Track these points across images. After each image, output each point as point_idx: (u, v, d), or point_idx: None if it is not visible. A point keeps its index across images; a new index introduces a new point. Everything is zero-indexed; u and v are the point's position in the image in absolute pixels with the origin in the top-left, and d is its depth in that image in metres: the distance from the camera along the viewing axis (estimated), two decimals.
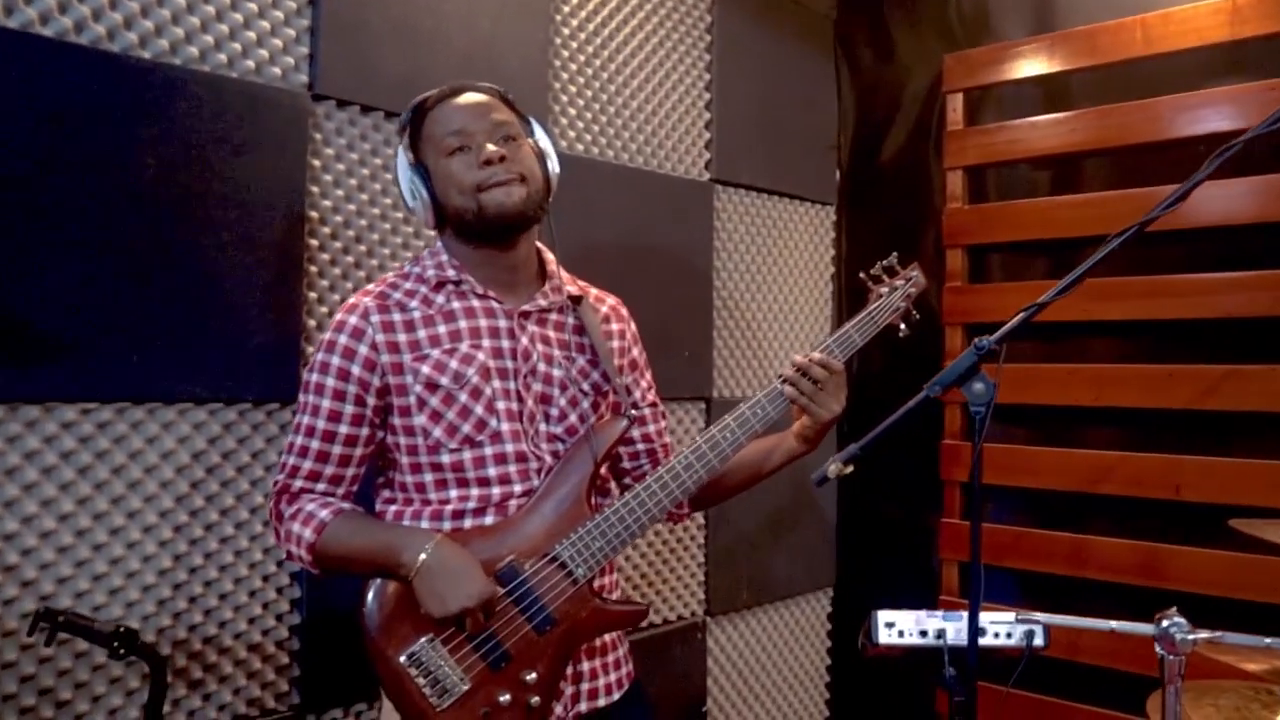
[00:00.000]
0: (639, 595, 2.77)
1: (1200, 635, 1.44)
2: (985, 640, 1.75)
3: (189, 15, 1.93)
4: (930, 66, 3.18)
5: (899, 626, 1.80)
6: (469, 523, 1.64)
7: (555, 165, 1.74)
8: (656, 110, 2.85)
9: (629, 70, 2.78)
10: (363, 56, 2.17)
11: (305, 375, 1.66)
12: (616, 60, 2.74)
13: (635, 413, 1.84)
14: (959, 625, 1.77)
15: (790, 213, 3.27)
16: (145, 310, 1.87)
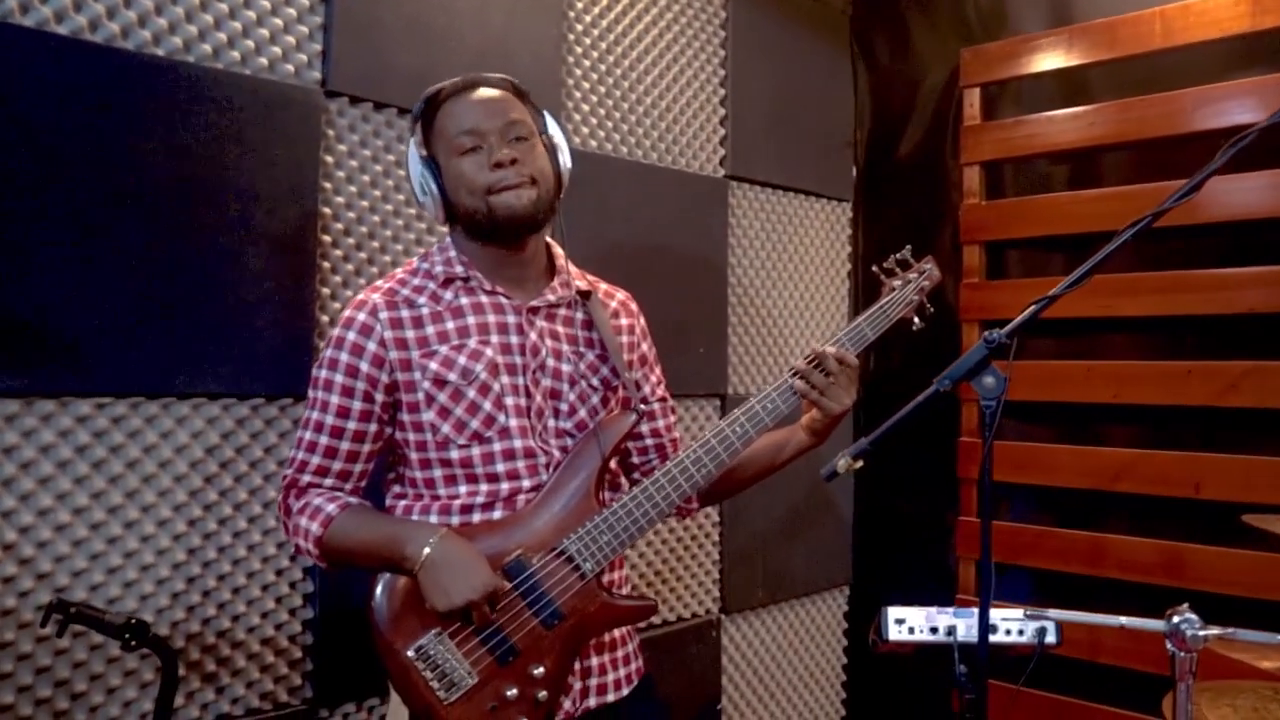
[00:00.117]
0: (653, 592, 2.76)
1: (1211, 631, 1.41)
2: (996, 637, 1.74)
3: (202, 13, 1.94)
4: (947, 61, 3.16)
5: (909, 623, 1.79)
6: (477, 517, 1.64)
7: (568, 160, 1.73)
8: (671, 106, 2.84)
9: (643, 66, 2.77)
10: (375, 53, 2.18)
11: (314, 371, 1.67)
12: (630, 56, 2.74)
13: (645, 408, 1.84)
14: (969, 622, 1.75)
15: (806, 209, 3.25)
16: (159, 305, 1.88)
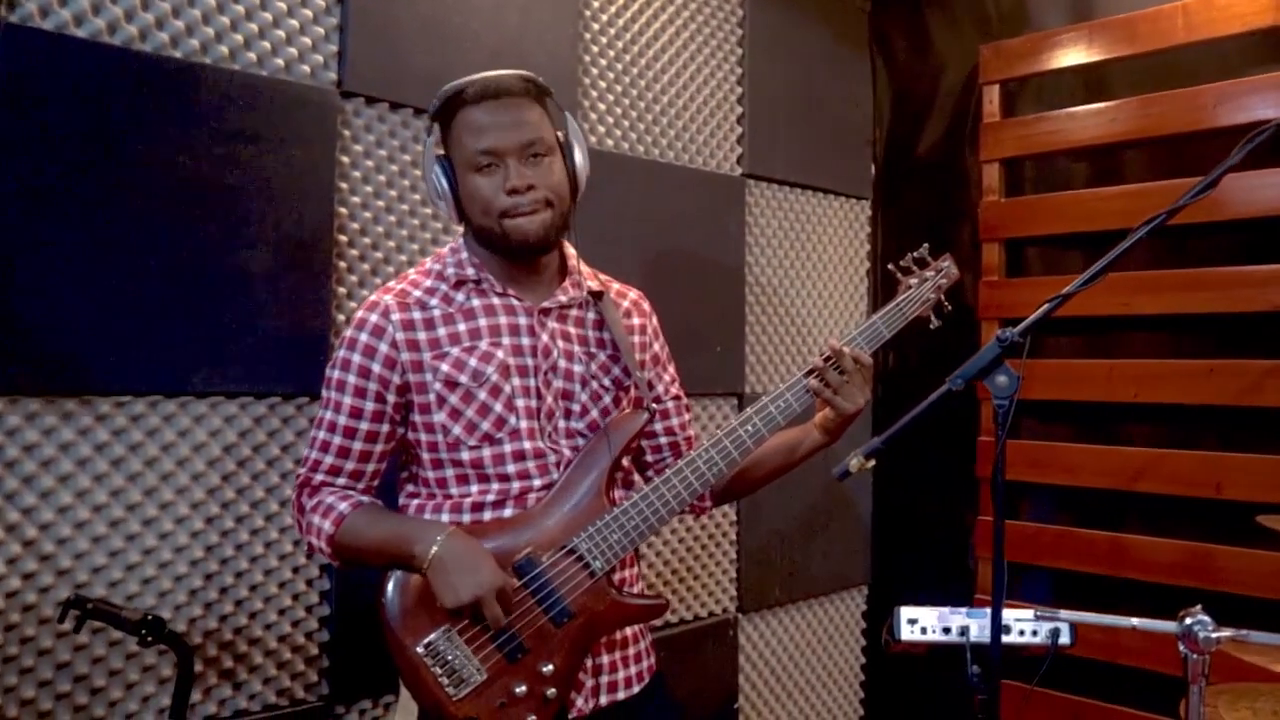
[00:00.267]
0: (670, 591, 2.76)
1: (1224, 633, 1.40)
2: (1009, 638, 1.72)
3: (219, 15, 1.96)
4: (966, 58, 3.14)
5: (922, 623, 1.78)
6: (488, 515, 1.65)
7: (584, 161, 1.71)
8: (688, 105, 2.84)
9: (660, 64, 2.77)
10: (391, 53, 2.19)
11: (328, 372, 1.68)
12: (647, 54, 2.74)
13: (656, 406, 1.84)
14: (982, 622, 1.74)
15: (824, 208, 3.24)
16: (177, 305, 1.90)
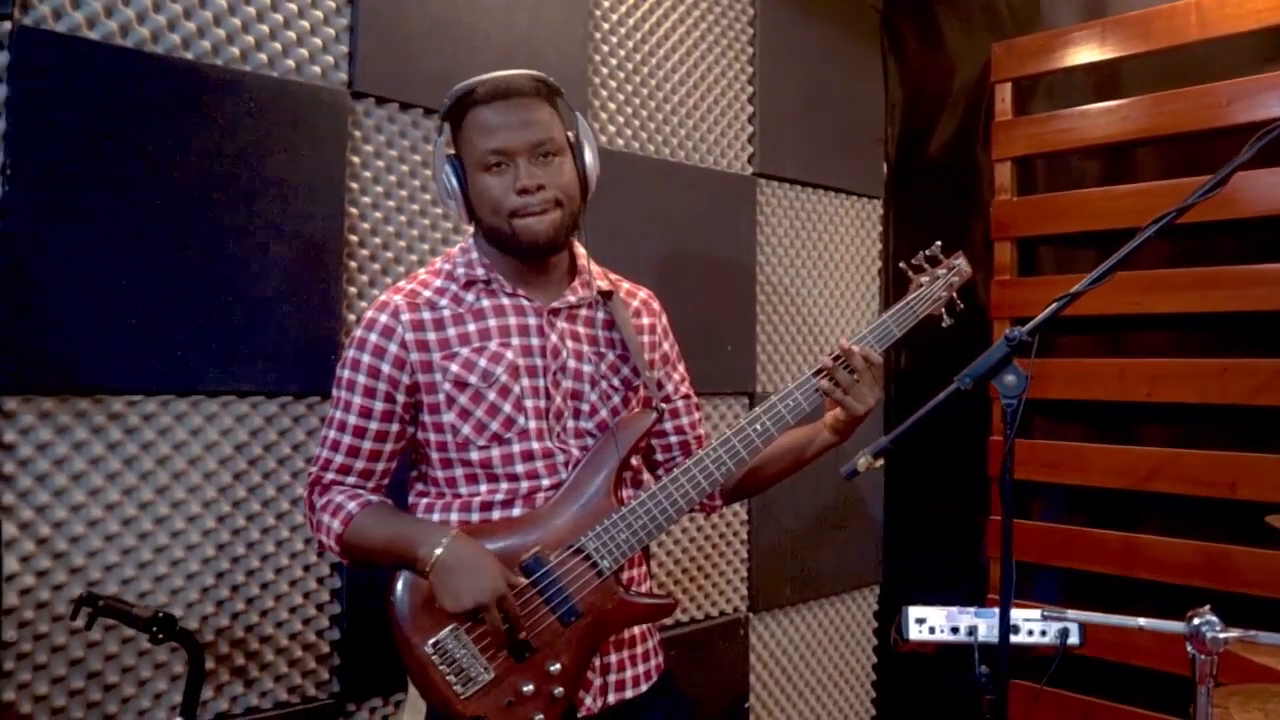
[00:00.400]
0: (681, 590, 2.76)
1: (1231, 634, 1.38)
2: (1018, 638, 1.72)
3: (230, 16, 1.97)
4: (979, 56, 3.13)
5: (930, 623, 1.77)
6: (497, 514, 1.65)
7: (594, 161, 1.71)
8: (699, 104, 2.83)
9: (670, 63, 2.77)
10: (401, 54, 2.20)
11: (338, 371, 1.68)
12: (658, 54, 2.74)
13: (665, 406, 1.84)
14: (991, 622, 1.73)
15: (835, 207, 3.24)
16: (189, 305, 1.91)
